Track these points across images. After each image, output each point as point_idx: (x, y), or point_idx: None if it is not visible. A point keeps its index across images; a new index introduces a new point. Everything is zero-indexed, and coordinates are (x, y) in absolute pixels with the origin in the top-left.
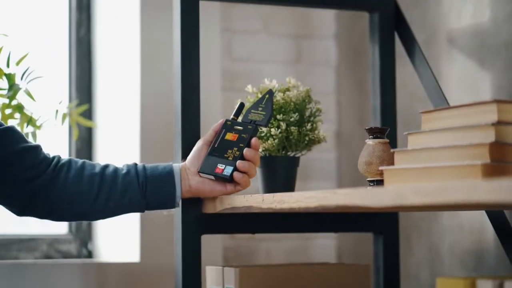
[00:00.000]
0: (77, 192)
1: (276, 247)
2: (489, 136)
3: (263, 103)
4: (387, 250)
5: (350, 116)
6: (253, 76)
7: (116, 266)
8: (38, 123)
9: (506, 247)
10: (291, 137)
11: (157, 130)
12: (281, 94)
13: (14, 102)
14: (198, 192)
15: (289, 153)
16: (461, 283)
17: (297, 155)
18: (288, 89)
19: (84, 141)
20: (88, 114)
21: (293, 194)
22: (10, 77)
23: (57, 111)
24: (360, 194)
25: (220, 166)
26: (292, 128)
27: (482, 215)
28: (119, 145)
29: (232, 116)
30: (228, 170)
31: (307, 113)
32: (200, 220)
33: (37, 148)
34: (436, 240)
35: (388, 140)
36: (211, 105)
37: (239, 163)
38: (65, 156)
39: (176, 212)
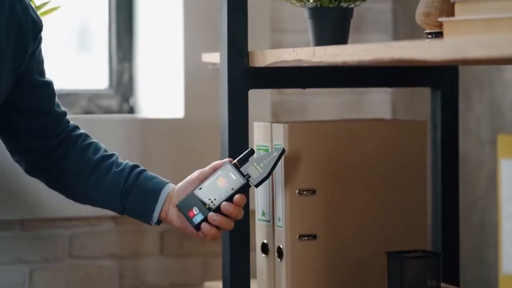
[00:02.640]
0: (69, 170)
1: (327, 103)
2: None
3: (267, 160)
4: (445, 105)
5: None
6: None
7: (159, 122)
8: None
9: None
10: None
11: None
12: None
13: None
14: (170, 223)
15: (342, 3)
16: None
17: (350, 6)
18: None
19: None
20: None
21: (346, 47)
22: None
23: None
24: (417, 46)
25: (195, 211)
26: None
27: None
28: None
29: (235, 161)
30: (198, 218)
31: None
32: (247, 74)
33: (61, 114)
34: (498, 95)
35: None
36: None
37: (211, 215)
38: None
39: (221, 66)
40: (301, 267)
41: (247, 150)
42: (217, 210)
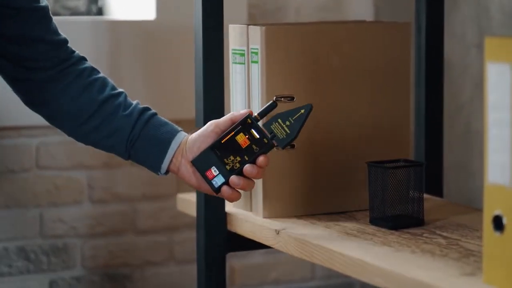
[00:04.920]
0: (68, 108)
1: (306, 4)
2: None
3: (294, 117)
4: (430, 6)
5: None
6: None
7: (129, 24)
8: None
9: None
10: None
11: None
12: None
13: None
14: (183, 180)
15: None
16: (511, 43)
17: None
18: None
19: None
20: None
21: None
22: None
23: None
24: None
25: (214, 171)
26: None
27: None
28: None
29: (255, 114)
30: (218, 181)
31: None
32: None
33: (58, 43)
34: None
35: None
36: None
37: (233, 178)
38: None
39: None
40: (280, 175)
41: (269, 103)
42: (239, 172)
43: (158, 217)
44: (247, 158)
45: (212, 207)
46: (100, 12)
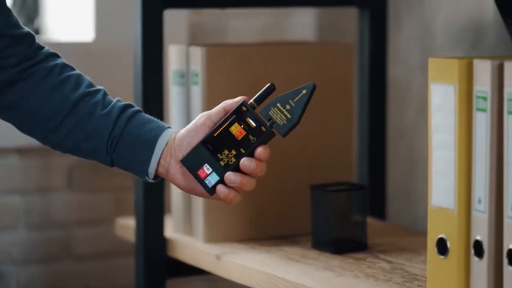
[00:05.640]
0: (37, 111)
1: (248, 25)
2: None
3: (295, 100)
4: (373, 26)
5: None
6: None
7: (67, 46)
8: None
9: (508, 23)
10: None
11: None
12: None
13: None
14: (174, 183)
15: None
16: (455, 64)
17: None
18: None
19: None
20: None
21: None
22: None
23: None
24: None
25: (206, 169)
26: None
27: None
28: None
29: (251, 101)
30: (212, 179)
31: None
32: None
33: (20, 37)
34: (429, 16)
35: None
36: None
37: (228, 175)
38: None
39: None
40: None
41: (266, 86)
42: (236, 167)
43: (96, 243)
44: (243, 151)
45: (151, 232)
46: (37, 33)
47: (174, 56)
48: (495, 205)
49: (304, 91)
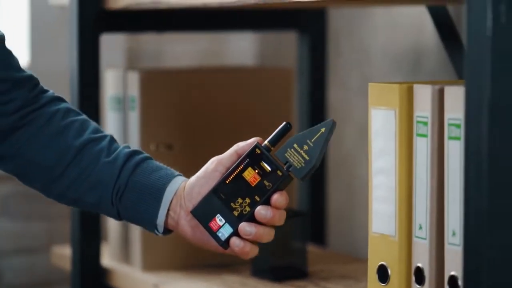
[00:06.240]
0: (39, 160)
1: (186, 50)
2: None
3: (313, 139)
4: (313, 51)
5: None
6: None
7: None
8: None
9: (448, 48)
10: None
11: None
12: None
13: None
14: (185, 237)
15: None
16: (395, 89)
17: None
18: None
19: None
20: None
21: None
22: None
23: None
24: None
25: (219, 220)
26: None
27: (421, 13)
28: None
29: (266, 142)
30: (225, 232)
31: None
32: (99, 18)
33: (21, 81)
34: (368, 39)
35: None
36: None
37: (243, 226)
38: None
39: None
40: None
41: (282, 125)
42: (251, 217)
43: (31, 272)
44: (258, 199)
45: (87, 260)
46: None
47: (110, 81)
48: (436, 231)
49: (322, 130)
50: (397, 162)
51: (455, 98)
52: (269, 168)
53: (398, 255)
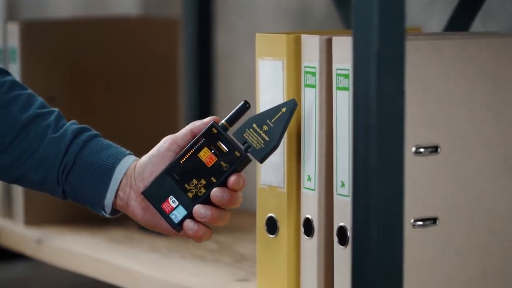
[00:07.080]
0: None
1: None
2: None
3: (274, 119)
4: None
5: None
6: None
7: None
8: None
9: None
10: None
11: None
12: None
13: None
14: (134, 218)
15: None
16: (283, 39)
17: None
18: None
19: None
20: None
21: None
22: None
23: None
24: None
25: (172, 202)
26: None
27: None
28: None
29: (223, 122)
30: (178, 214)
31: None
32: None
33: None
34: None
35: None
36: None
37: (197, 208)
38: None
39: None
40: None
41: (240, 104)
42: (206, 199)
43: None
44: (214, 180)
45: None
46: None
47: None
48: (325, 182)
49: (283, 109)
50: None
51: (343, 48)
52: (226, 149)
53: (286, 207)
